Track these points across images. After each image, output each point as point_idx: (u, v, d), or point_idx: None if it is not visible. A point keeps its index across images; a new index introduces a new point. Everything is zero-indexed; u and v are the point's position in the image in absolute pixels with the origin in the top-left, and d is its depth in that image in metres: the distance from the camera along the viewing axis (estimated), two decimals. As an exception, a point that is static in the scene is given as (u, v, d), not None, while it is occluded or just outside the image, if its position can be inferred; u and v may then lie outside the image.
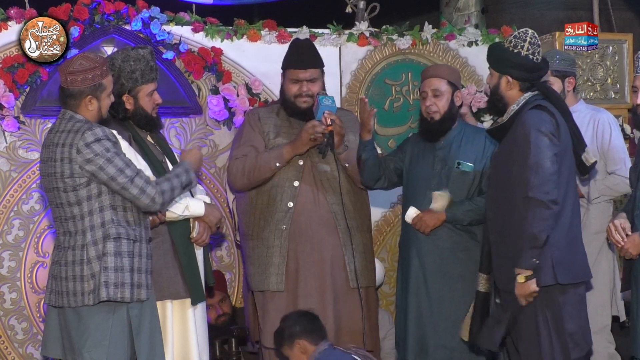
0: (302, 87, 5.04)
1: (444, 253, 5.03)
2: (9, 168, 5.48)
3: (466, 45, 6.22)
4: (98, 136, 4.18)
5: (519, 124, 4.46)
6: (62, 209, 4.25)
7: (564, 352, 4.43)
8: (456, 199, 5.06)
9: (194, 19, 5.77)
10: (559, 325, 4.43)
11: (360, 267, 5.01)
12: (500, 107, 4.59)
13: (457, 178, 5.07)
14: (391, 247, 6.09)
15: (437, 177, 5.09)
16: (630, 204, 4.82)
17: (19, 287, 5.50)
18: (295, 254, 4.96)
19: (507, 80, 4.54)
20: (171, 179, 4.35)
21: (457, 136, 5.13)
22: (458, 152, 5.09)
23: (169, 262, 4.57)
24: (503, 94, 4.56)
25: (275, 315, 4.93)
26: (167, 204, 4.28)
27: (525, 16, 7.68)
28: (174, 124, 5.71)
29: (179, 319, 4.62)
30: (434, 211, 5.02)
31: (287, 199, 4.96)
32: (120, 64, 4.60)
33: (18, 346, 5.50)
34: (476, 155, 5.09)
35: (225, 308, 5.66)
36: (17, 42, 5.29)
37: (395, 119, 6.12)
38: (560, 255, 4.40)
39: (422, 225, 5.02)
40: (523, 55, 4.50)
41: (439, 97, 5.08)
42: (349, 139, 5.07)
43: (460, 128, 5.16)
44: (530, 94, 4.53)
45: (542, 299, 4.42)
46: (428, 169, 5.12)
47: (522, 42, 4.51)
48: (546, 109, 4.46)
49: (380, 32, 6.09)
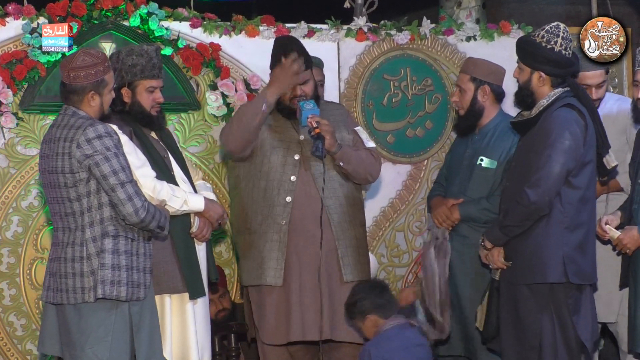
0: (296, 91, 4.98)
1: (466, 250, 5.07)
2: (7, 164, 5.48)
3: (464, 40, 6.22)
4: (99, 133, 4.18)
5: (546, 120, 4.44)
6: (63, 204, 4.25)
7: (568, 352, 4.44)
8: (477, 195, 5.10)
9: (192, 15, 5.77)
10: (564, 324, 4.43)
11: (354, 261, 5.01)
12: (529, 103, 4.56)
13: (479, 174, 5.10)
14: (389, 243, 6.09)
15: (462, 172, 5.14)
16: (629, 199, 4.83)
17: (18, 283, 5.51)
18: (291, 248, 4.95)
19: (540, 76, 4.51)
20: (161, 210, 4.33)
21: (492, 130, 5.15)
22: (487, 147, 5.12)
23: (167, 257, 4.56)
24: (534, 89, 4.53)
25: (271, 310, 4.92)
26: (147, 223, 4.25)
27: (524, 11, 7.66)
28: (173, 120, 5.71)
29: (178, 313, 4.61)
30: None
31: (284, 193, 4.95)
32: (124, 57, 4.62)
33: (17, 342, 5.50)
34: (502, 151, 5.08)
35: (225, 303, 5.67)
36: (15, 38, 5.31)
37: (394, 114, 6.12)
38: (572, 255, 4.41)
39: (436, 224, 5.18)
40: (557, 51, 4.45)
41: (462, 93, 5.18)
42: (341, 135, 5.05)
43: (498, 121, 5.18)
44: (560, 90, 4.49)
45: (548, 296, 4.42)
46: (458, 162, 5.21)
47: (556, 38, 4.46)
48: (576, 109, 4.43)
49: (378, 28, 6.08)
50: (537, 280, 4.45)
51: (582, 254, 4.46)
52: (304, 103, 4.92)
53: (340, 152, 4.96)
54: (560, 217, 4.43)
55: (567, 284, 4.42)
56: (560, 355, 4.42)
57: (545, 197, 4.37)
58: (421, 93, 6.13)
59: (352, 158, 5.00)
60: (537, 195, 4.37)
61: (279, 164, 4.97)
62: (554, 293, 4.43)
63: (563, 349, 4.43)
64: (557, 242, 4.42)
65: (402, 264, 6.12)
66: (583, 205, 4.47)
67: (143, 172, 4.37)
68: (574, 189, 4.43)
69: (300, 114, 4.92)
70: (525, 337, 4.49)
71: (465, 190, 5.16)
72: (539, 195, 4.37)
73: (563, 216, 4.43)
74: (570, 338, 4.44)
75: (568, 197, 4.43)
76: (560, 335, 4.42)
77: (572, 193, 4.43)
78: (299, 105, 4.92)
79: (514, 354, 4.55)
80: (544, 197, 4.37)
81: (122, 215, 4.20)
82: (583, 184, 4.45)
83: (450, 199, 5.18)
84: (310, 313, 4.87)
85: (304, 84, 4.97)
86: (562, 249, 4.41)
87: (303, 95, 4.96)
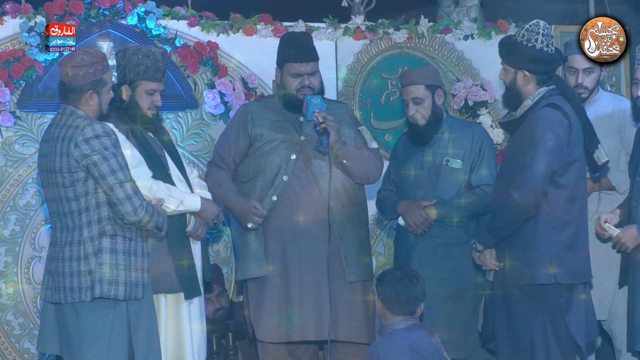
0: (304, 81, 4.99)
1: (438, 250, 5.06)
2: (5, 163, 5.47)
3: (462, 39, 6.22)
4: (97, 132, 4.18)
5: (530, 120, 4.43)
6: (61, 203, 4.24)
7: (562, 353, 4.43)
8: (446, 196, 5.11)
9: (190, 14, 5.77)
10: (558, 326, 4.42)
11: (357, 261, 5.00)
12: (517, 103, 4.54)
13: (446, 175, 5.11)
14: (387, 242, 6.09)
15: (427, 176, 5.13)
16: (628, 197, 4.82)
17: (15, 282, 5.51)
18: (293, 248, 4.94)
19: (524, 75, 4.49)
20: (159, 211, 4.33)
21: (445, 133, 5.15)
22: (447, 149, 5.12)
23: (162, 256, 4.54)
24: (520, 89, 4.51)
25: (272, 309, 4.91)
26: (145, 222, 4.26)
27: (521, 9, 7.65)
28: (170, 118, 5.71)
29: (173, 313, 4.60)
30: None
31: (272, 192, 4.95)
32: (130, 55, 4.61)
33: (15, 341, 5.50)
34: (464, 150, 5.10)
35: (222, 302, 5.66)
36: (13, 37, 5.31)
37: (392, 113, 6.12)
38: (561, 255, 4.40)
39: (413, 227, 5.11)
40: (538, 49, 4.44)
41: (420, 104, 5.14)
42: (344, 132, 5.05)
43: (448, 124, 5.19)
44: (546, 89, 4.48)
45: (539, 297, 4.42)
46: (417, 169, 5.16)
47: (536, 35, 4.44)
48: (560, 108, 4.43)
49: (376, 26, 6.09)
50: (527, 282, 4.43)
51: (573, 253, 4.45)
52: (311, 97, 4.93)
53: (344, 149, 4.96)
54: (547, 217, 4.42)
55: (557, 284, 4.41)
56: (553, 356, 4.41)
57: (530, 198, 4.36)
58: (419, 91, 6.13)
59: (355, 156, 5.00)
60: (522, 196, 4.35)
61: (275, 164, 4.97)
62: (545, 294, 4.42)
63: (556, 349, 4.42)
64: (546, 242, 4.41)
65: (399, 262, 6.12)
66: (571, 204, 4.45)
67: (140, 172, 4.36)
68: (561, 189, 4.42)
69: (307, 108, 4.92)
70: (518, 338, 4.48)
71: (435, 192, 5.14)
72: (524, 196, 4.35)
73: (551, 216, 4.42)
74: (564, 338, 4.43)
75: (555, 197, 4.42)
76: (552, 336, 4.41)
77: (559, 192, 4.42)
78: (306, 100, 4.93)
79: (508, 355, 4.54)
80: (529, 198, 4.36)
81: (121, 214, 4.20)
82: (570, 183, 4.44)
83: (422, 201, 5.16)
84: (313, 313, 4.87)
85: (311, 75, 4.99)
86: (550, 249, 4.39)
87: (310, 85, 4.98)
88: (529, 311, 4.43)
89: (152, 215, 4.26)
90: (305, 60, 5.00)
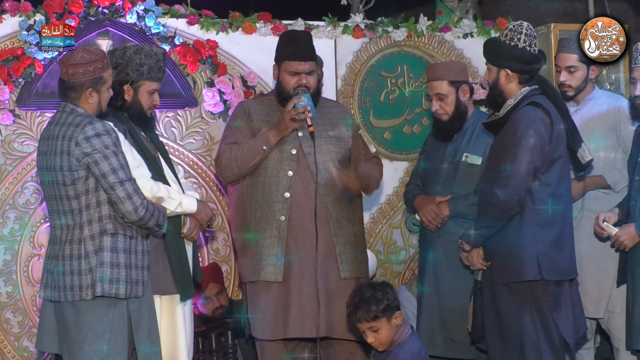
0: (301, 80, 4.99)
1: (452, 246, 5.05)
2: (4, 161, 5.48)
3: (461, 37, 6.23)
4: (98, 131, 4.18)
5: (513, 119, 4.46)
6: (61, 202, 4.24)
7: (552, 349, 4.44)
8: (463, 192, 5.09)
9: (189, 12, 5.77)
10: (546, 322, 4.43)
11: (352, 258, 5.01)
12: (500, 102, 4.58)
13: (465, 171, 5.09)
14: (386, 240, 6.10)
15: (446, 171, 5.12)
16: (626, 196, 4.83)
17: (14, 280, 5.51)
18: (290, 245, 4.95)
19: (506, 73, 4.53)
20: (159, 209, 4.33)
21: (470, 128, 5.14)
22: (468, 144, 5.11)
23: (158, 258, 4.53)
24: (502, 88, 4.55)
25: (269, 306, 4.91)
26: (146, 221, 4.26)
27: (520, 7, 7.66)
28: (169, 117, 5.71)
29: (168, 314, 4.58)
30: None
31: (283, 189, 4.95)
32: (131, 55, 4.58)
33: (14, 339, 5.50)
34: (486, 147, 5.08)
35: (222, 300, 5.66)
36: (12, 35, 5.30)
37: (391, 111, 6.12)
38: (546, 251, 4.42)
39: (426, 223, 5.14)
40: (520, 48, 4.49)
41: (443, 100, 5.12)
42: (340, 132, 5.05)
43: (475, 119, 5.16)
44: (528, 89, 4.52)
45: (526, 294, 4.44)
46: (438, 164, 5.16)
47: (518, 35, 4.50)
48: (541, 107, 4.46)
49: (375, 25, 6.09)
50: (514, 279, 4.45)
51: (558, 250, 4.47)
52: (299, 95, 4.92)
53: (361, 173, 5.00)
54: (532, 214, 4.44)
55: (544, 281, 4.43)
56: (543, 353, 4.43)
57: (514, 196, 4.38)
58: (418, 90, 6.14)
59: (366, 175, 5.03)
60: (506, 194, 4.38)
61: (276, 160, 4.97)
62: (533, 291, 4.44)
63: (546, 346, 4.43)
64: (531, 239, 4.43)
65: (399, 260, 6.13)
66: (555, 201, 4.47)
67: (140, 173, 4.36)
68: (544, 186, 4.44)
69: None
70: (508, 336, 4.50)
71: (452, 188, 5.15)
72: (507, 194, 4.38)
73: (535, 214, 4.44)
74: (553, 335, 4.45)
75: (539, 195, 4.44)
76: (542, 333, 4.43)
77: (543, 190, 4.44)
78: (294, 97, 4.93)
79: (499, 354, 4.55)
80: (512, 195, 4.38)
81: (122, 213, 4.20)
82: (553, 181, 4.46)
83: (436, 196, 5.16)
84: (308, 310, 4.87)
85: (309, 74, 4.99)
86: (536, 246, 4.42)
87: (307, 84, 4.98)
88: (518, 308, 4.45)
89: (152, 213, 4.26)
90: (303, 59, 5.00)
